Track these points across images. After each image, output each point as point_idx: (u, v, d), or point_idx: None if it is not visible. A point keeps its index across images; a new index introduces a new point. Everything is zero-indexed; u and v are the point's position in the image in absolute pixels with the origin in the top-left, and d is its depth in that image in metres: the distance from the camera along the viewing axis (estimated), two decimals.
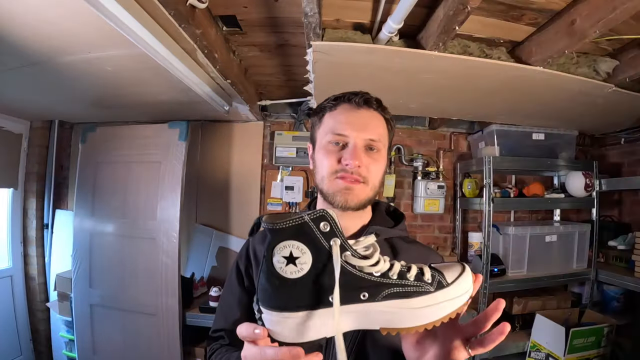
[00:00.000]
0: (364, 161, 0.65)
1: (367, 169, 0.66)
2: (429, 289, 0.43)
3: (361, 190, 0.66)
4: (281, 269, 0.41)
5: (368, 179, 0.66)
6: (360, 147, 0.66)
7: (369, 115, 0.68)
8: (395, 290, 0.42)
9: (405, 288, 0.42)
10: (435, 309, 0.42)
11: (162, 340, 1.88)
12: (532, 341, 1.91)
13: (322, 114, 0.71)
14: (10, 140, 2.29)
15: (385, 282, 0.42)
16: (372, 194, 0.68)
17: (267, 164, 2.42)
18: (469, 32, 1.26)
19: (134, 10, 0.98)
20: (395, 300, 0.42)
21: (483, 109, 1.91)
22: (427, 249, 0.80)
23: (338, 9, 1.17)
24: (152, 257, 1.90)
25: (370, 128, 0.67)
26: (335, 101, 0.70)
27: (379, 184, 0.70)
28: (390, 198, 2.33)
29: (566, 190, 2.25)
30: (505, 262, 2.02)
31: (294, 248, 0.41)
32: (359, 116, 0.67)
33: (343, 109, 0.69)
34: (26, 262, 2.37)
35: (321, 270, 0.42)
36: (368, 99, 0.69)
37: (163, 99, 1.92)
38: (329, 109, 0.70)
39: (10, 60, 1.37)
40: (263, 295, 0.43)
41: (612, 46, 1.36)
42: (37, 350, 2.35)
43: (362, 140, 0.66)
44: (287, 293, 0.42)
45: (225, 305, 0.76)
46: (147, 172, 1.97)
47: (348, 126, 0.66)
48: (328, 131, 0.68)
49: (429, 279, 0.44)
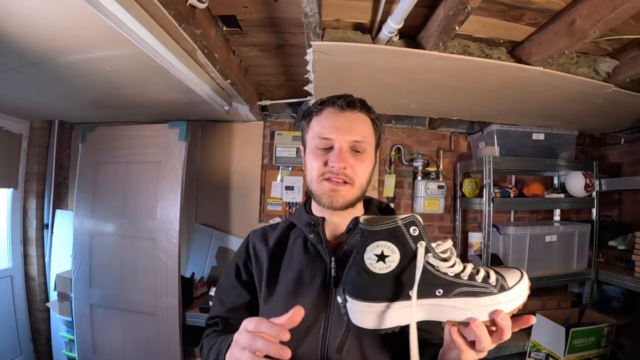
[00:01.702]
0: (350, 162, 0.67)
1: (353, 170, 0.68)
2: (493, 291, 0.49)
3: (347, 191, 0.68)
4: (371, 265, 0.48)
5: (354, 180, 0.68)
6: (345, 150, 0.68)
7: (353, 117, 0.70)
8: (465, 289, 0.49)
9: (474, 288, 0.49)
10: (496, 308, 0.49)
11: (162, 340, 1.88)
12: (532, 341, 1.91)
13: (310, 118, 0.73)
14: (10, 140, 2.29)
15: (458, 282, 0.49)
16: (359, 193, 0.70)
17: (267, 164, 2.42)
18: (469, 32, 1.26)
19: (134, 11, 0.98)
20: (464, 298, 0.49)
21: (483, 109, 1.91)
22: None
23: (338, 9, 1.17)
24: (152, 257, 1.90)
25: (355, 130, 0.69)
26: (320, 105, 0.72)
27: (367, 183, 0.72)
28: (390, 198, 2.33)
29: (566, 190, 2.25)
30: (505, 262, 2.02)
31: (385, 247, 0.48)
32: (343, 119, 0.69)
33: (328, 113, 0.71)
34: (26, 262, 2.37)
35: (405, 268, 0.48)
36: (351, 101, 0.71)
37: (163, 99, 1.92)
38: (315, 114, 0.72)
39: (10, 60, 1.37)
40: (351, 287, 0.50)
41: (612, 46, 1.36)
42: (37, 350, 2.35)
43: (347, 143, 0.68)
44: (374, 286, 0.49)
45: (222, 294, 0.78)
46: (147, 172, 1.97)
47: (333, 130, 0.68)
48: (315, 135, 0.70)
49: (493, 281, 0.50)
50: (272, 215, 2.39)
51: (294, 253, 0.73)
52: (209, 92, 1.69)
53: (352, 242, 0.69)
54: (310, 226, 0.71)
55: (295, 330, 0.58)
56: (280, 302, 0.67)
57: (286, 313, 0.54)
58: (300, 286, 0.67)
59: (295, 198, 2.33)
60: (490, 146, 2.14)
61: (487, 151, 2.14)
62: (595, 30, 1.02)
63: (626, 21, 1.04)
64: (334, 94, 0.73)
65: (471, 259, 2.28)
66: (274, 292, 0.69)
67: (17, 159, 2.35)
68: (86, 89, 1.75)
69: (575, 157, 2.30)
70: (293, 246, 0.74)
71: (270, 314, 0.58)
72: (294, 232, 0.77)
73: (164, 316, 1.87)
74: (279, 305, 0.67)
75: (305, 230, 0.72)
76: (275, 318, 0.51)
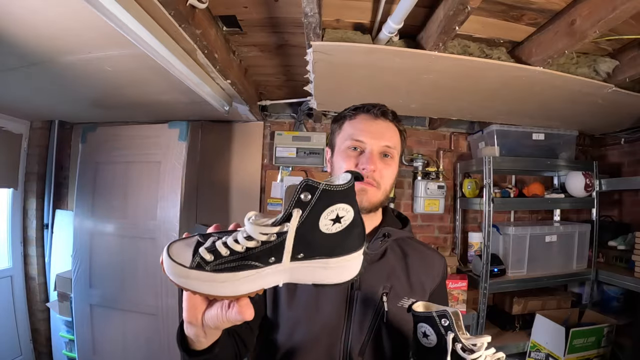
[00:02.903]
0: (379, 166, 0.72)
1: (381, 174, 0.72)
2: None
3: (374, 193, 0.72)
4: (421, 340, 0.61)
5: (380, 184, 0.72)
6: (376, 154, 0.72)
7: (385, 126, 0.75)
8: None
9: None
10: None
11: (162, 340, 1.88)
12: (532, 341, 1.91)
13: (342, 121, 0.78)
14: (10, 140, 2.29)
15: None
16: (383, 197, 0.74)
17: (267, 164, 2.42)
18: (469, 32, 1.26)
19: (134, 11, 0.98)
20: None
21: (483, 109, 1.91)
22: (431, 250, 0.85)
23: (338, 9, 1.17)
24: (152, 257, 1.90)
25: (386, 136, 0.74)
26: (354, 111, 0.77)
27: (390, 189, 0.76)
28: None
29: (566, 190, 2.25)
30: (505, 262, 2.02)
31: (427, 329, 0.59)
32: (377, 125, 0.74)
33: (362, 119, 0.75)
34: (26, 262, 2.37)
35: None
36: (385, 110, 0.76)
37: (163, 99, 1.92)
38: (348, 118, 0.77)
39: (10, 60, 1.37)
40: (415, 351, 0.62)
41: (612, 46, 1.36)
42: (37, 350, 2.35)
43: (378, 147, 0.73)
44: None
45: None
46: (147, 172, 1.97)
47: (366, 134, 0.73)
48: (347, 137, 0.74)
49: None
50: (272, 215, 2.38)
51: None
52: (209, 92, 1.69)
53: (373, 248, 0.73)
54: None
55: (316, 328, 0.66)
56: (302, 307, 0.69)
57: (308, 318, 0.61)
58: (321, 290, 0.68)
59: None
60: (490, 146, 2.14)
61: (487, 151, 2.14)
62: (595, 30, 1.02)
63: (626, 21, 1.04)
64: (334, 94, 0.74)
65: (471, 259, 2.28)
66: (294, 297, 0.70)
67: (17, 159, 2.35)
68: (86, 89, 1.75)
69: (575, 157, 2.30)
70: None
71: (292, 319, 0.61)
72: None
73: (164, 316, 1.87)
74: (301, 310, 0.69)
75: None
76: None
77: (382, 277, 0.71)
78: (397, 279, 0.72)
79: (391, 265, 0.74)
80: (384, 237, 0.75)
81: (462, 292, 1.95)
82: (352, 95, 1.71)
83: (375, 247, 0.73)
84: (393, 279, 0.72)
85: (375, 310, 0.68)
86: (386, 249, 0.75)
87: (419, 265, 0.76)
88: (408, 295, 0.71)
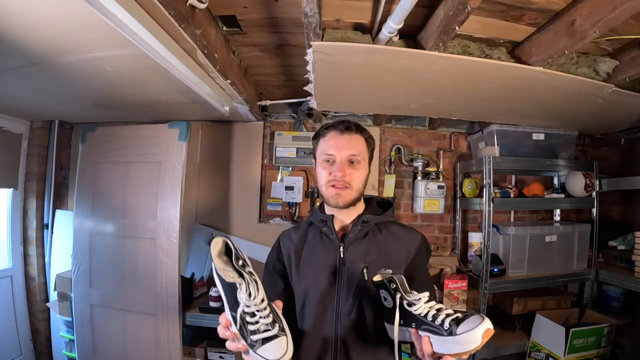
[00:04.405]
0: (347, 171, 0.89)
1: (351, 177, 0.90)
2: (443, 333, 0.64)
3: (347, 193, 0.90)
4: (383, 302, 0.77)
5: (352, 184, 0.90)
6: (344, 162, 0.90)
7: (349, 138, 0.92)
8: (427, 327, 0.68)
9: (433, 327, 0.67)
10: (445, 347, 0.63)
11: (162, 340, 1.88)
12: (532, 341, 1.91)
13: (318, 139, 0.96)
14: (10, 140, 2.29)
15: (423, 320, 0.69)
16: (357, 195, 0.92)
17: (267, 164, 2.42)
18: (469, 32, 1.26)
19: (134, 11, 0.98)
20: (428, 333, 0.68)
21: (483, 109, 1.90)
22: (408, 229, 0.99)
23: (338, 9, 1.17)
24: (152, 257, 1.90)
25: (351, 147, 0.91)
26: (326, 129, 0.95)
27: (363, 186, 0.94)
28: (390, 198, 2.33)
29: (566, 190, 2.25)
30: (506, 262, 2.02)
31: (385, 294, 0.76)
32: (343, 140, 0.92)
33: (331, 135, 0.93)
34: (26, 262, 2.37)
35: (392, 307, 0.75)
36: (348, 126, 0.93)
37: (163, 99, 1.92)
38: (322, 136, 0.95)
39: (10, 60, 1.38)
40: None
41: (612, 46, 1.36)
42: (37, 350, 2.35)
43: (345, 156, 0.90)
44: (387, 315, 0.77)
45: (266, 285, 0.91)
46: (147, 172, 1.97)
47: (334, 148, 0.91)
48: (322, 152, 0.94)
49: (446, 326, 0.64)
50: (272, 215, 2.39)
51: (314, 243, 0.95)
52: (209, 92, 1.69)
53: (355, 232, 0.91)
54: (323, 222, 0.93)
55: (316, 297, 0.89)
56: (306, 276, 0.92)
57: (310, 283, 0.89)
58: (319, 264, 0.91)
59: (295, 198, 2.33)
60: (490, 146, 2.14)
61: (487, 151, 2.14)
62: (595, 30, 1.02)
63: (626, 21, 1.04)
64: (334, 94, 0.75)
65: (471, 259, 2.28)
66: (300, 269, 0.94)
67: (17, 159, 2.35)
68: (86, 89, 1.75)
69: (575, 157, 2.30)
70: (312, 239, 0.97)
71: (301, 282, 0.91)
72: (312, 229, 0.99)
73: (164, 316, 1.87)
74: (305, 278, 0.92)
75: (319, 225, 0.95)
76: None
77: (363, 255, 0.89)
78: (375, 256, 0.89)
79: (371, 245, 0.91)
80: (363, 223, 0.91)
81: (462, 292, 1.95)
82: (352, 95, 1.71)
83: (357, 231, 0.90)
84: (372, 256, 0.89)
85: (358, 281, 0.87)
86: (367, 231, 0.92)
87: (394, 242, 0.92)
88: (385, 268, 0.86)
